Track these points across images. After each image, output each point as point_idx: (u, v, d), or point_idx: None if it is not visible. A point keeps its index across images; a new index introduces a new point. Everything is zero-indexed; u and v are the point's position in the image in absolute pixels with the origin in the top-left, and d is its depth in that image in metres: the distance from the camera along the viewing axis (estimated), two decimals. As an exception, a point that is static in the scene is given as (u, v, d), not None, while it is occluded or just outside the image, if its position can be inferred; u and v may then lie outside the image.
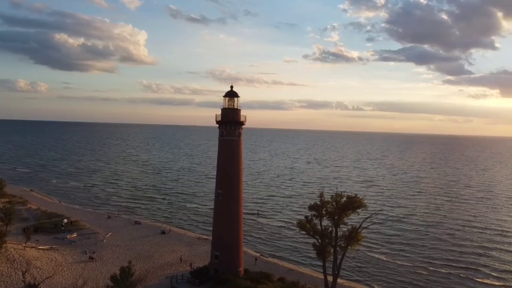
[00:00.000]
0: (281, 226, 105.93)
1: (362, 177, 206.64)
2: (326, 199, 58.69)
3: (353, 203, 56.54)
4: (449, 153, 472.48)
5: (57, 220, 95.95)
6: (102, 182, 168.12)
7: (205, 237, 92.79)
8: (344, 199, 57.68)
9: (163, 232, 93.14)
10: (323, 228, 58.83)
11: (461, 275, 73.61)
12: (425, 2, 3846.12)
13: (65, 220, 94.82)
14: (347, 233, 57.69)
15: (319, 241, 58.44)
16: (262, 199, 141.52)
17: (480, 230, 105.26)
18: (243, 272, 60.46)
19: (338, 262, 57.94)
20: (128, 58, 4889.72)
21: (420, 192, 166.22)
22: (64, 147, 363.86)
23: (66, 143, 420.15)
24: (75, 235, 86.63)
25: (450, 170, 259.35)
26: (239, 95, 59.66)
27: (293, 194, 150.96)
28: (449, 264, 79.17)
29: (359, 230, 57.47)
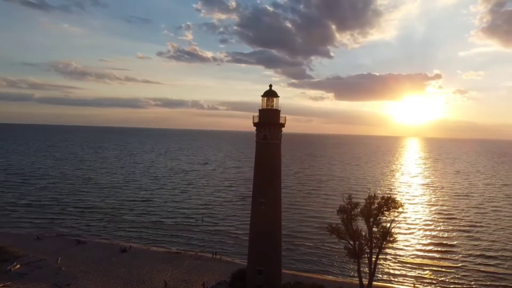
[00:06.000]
0: (240, 230, 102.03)
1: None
2: (355, 201, 58.75)
3: (391, 203, 57.52)
4: (319, 150, 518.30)
5: (-22, 249, 74.63)
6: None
7: (174, 250, 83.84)
8: (378, 200, 58.39)
9: (124, 250, 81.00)
10: (354, 230, 58.46)
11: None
12: (272, 9, 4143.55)
13: (-7, 248, 74.33)
14: (379, 233, 58.44)
15: (352, 243, 57.93)
16: (194, 205, 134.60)
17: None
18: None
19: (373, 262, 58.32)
20: None
21: (322, 191, 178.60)
22: None
23: None
24: (19, 265, 68.73)
25: (347, 167, 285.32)
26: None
27: (225, 201, 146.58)
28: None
29: (391, 228, 58.78)
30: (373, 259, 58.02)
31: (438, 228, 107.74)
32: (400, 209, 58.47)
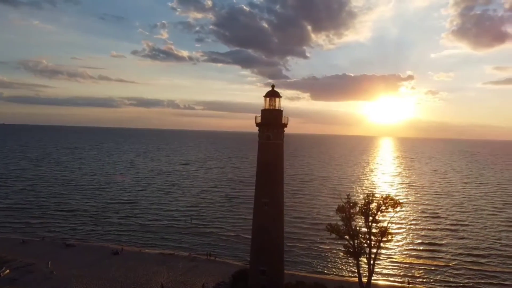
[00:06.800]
0: (230, 231, 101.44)
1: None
2: (354, 200, 59.40)
3: (390, 202, 58.31)
4: (298, 150, 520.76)
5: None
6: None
7: (168, 252, 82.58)
8: (377, 198, 59.20)
9: (115, 253, 79.22)
10: (353, 228, 58.96)
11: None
12: (248, 9, 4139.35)
13: (-21, 253, 71.35)
14: (377, 231, 59.13)
15: (351, 242, 58.35)
16: (181, 206, 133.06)
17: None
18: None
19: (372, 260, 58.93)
20: None
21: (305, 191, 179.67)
22: None
23: None
24: (8, 271, 66.28)
25: (327, 167, 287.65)
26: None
27: (211, 202, 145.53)
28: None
29: (389, 228, 59.61)
30: (372, 257, 58.77)
31: (426, 227, 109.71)
32: (398, 208, 59.59)
